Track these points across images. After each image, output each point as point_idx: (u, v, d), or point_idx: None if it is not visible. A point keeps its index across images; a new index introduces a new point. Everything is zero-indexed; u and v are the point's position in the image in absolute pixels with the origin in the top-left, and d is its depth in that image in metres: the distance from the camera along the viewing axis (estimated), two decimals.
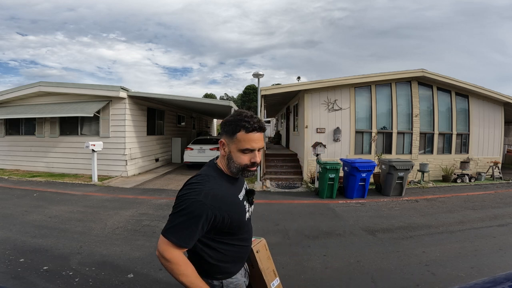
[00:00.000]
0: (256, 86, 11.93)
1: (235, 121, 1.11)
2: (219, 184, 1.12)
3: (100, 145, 7.64)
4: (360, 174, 6.07)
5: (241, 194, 1.24)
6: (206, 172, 1.17)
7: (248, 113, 1.13)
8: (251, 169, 1.15)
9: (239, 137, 1.09)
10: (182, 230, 1.03)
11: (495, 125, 9.40)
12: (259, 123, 1.11)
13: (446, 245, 3.64)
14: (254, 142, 1.10)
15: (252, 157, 1.13)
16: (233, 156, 1.13)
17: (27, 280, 2.67)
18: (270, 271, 1.55)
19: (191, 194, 1.05)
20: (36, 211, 4.89)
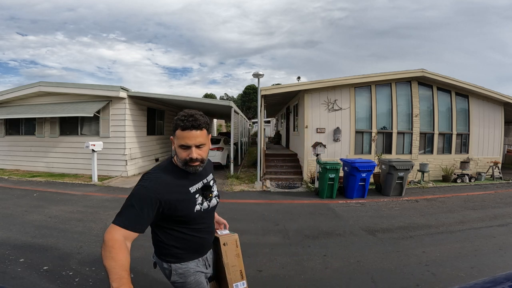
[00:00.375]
0: (256, 86, 11.93)
1: (175, 120, 1.25)
2: (167, 173, 1.26)
3: (100, 145, 7.64)
4: (360, 174, 6.07)
5: (195, 187, 1.33)
6: (160, 164, 1.35)
7: (189, 112, 1.25)
8: (192, 164, 1.25)
9: (177, 135, 1.23)
10: (126, 214, 1.13)
11: (495, 125, 9.40)
12: (194, 121, 1.21)
13: (446, 245, 3.64)
14: (188, 139, 1.21)
15: (189, 153, 1.23)
16: (176, 151, 1.27)
17: (27, 280, 2.67)
18: (235, 270, 1.50)
19: (139, 182, 1.22)
20: (36, 211, 4.89)
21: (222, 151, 9.97)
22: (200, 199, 1.34)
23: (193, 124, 1.21)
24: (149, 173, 1.27)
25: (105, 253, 1.05)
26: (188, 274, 1.34)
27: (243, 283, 1.51)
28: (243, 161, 12.78)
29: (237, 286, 1.50)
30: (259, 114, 8.54)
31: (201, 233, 1.37)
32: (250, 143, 23.11)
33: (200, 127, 1.23)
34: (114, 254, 1.05)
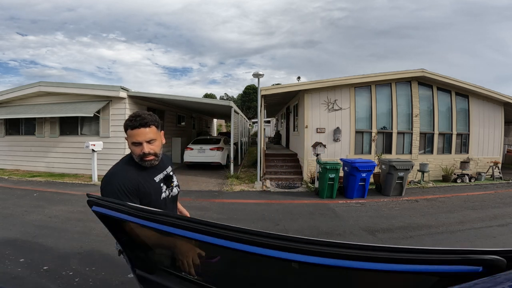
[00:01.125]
0: (256, 86, 11.93)
1: (125, 121, 1.37)
2: (127, 166, 1.39)
3: (100, 145, 7.64)
4: (360, 174, 6.07)
5: (158, 177, 1.47)
6: (119, 161, 1.46)
7: (136, 113, 1.37)
8: (146, 158, 1.37)
9: (128, 134, 1.36)
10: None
11: (495, 125, 9.40)
12: (141, 120, 1.34)
13: (446, 245, 3.64)
14: (138, 136, 1.34)
15: (141, 149, 1.35)
16: (130, 148, 1.39)
17: (27, 280, 2.66)
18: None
19: (102, 183, 1.35)
20: (36, 211, 4.89)
21: (222, 151, 9.98)
22: (164, 188, 1.50)
23: (141, 122, 1.34)
24: (113, 170, 1.39)
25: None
26: None
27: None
28: (243, 161, 12.78)
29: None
30: (259, 114, 8.54)
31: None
32: (250, 143, 23.11)
33: (147, 124, 1.36)
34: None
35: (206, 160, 9.84)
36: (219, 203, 5.69)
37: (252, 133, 28.30)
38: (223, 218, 4.61)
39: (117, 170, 1.38)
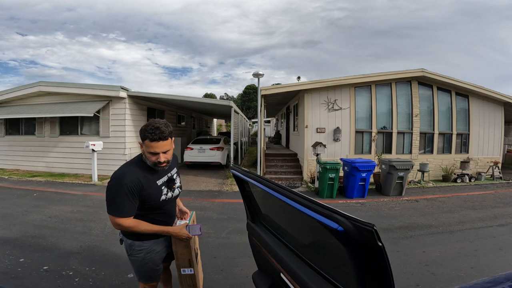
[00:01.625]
0: (256, 86, 11.93)
1: (143, 131, 1.48)
2: (135, 168, 1.52)
3: (100, 145, 7.64)
4: (360, 174, 6.07)
5: (161, 180, 1.62)
6: (129, 162, 1.60)
7: (155, 125, 1.47)
8: (158, 166, 1.54)
9: (146, 144, 1.48)
10: (119, 207, 1.44)
11: (495, 125, 9.40)
12: (160, 134, 1.46)
13: (446, 245, 3.64)
14: (156, 148, 1.48)
15: (157, 158, 1.50)
16: (145, 155, 1.53)
17: (27, 280, 2.67)
18: (184, 258, 1.72)
19: (113, 180, 1.47)
20: (36, 211, 4.89)
21: (222, 151, 9.98)
22: (165, 190, 1.63)
23: (160, 136, 1.46)
24: (119, 170, 1.52)
25: (137, 230, 1.51)
26: (145, 251, 1.61)
27: (190, 270, 1.76)
28: (243, 161, 12.78)
29: (184, 271, 1.76)
30: (259, 114, 8.54)
31: (163, 216, 1.66)
32: (250, 143, 23.10)
33: (166, 138, 1.49)
34: (143, 227, 1.51)
35: (206, 160, 9.84)
36: (219, 203, 5.69)
37: (252, 133, 28.30)
38: (223, 218, 4.61)
39: (127, 170, 1.50)
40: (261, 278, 1.51)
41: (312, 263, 1.08)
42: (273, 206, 1.39)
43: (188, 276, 1.78)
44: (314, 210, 0.75)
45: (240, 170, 1.47)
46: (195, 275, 1.79)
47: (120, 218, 1.44)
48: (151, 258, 1.64)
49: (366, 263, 0.66)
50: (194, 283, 1.82)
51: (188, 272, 1.75)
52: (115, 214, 1.44)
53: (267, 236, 1.47)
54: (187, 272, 1.75)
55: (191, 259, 1.73)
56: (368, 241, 0.62)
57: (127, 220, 1.46)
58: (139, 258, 1.61)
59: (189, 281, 1.80)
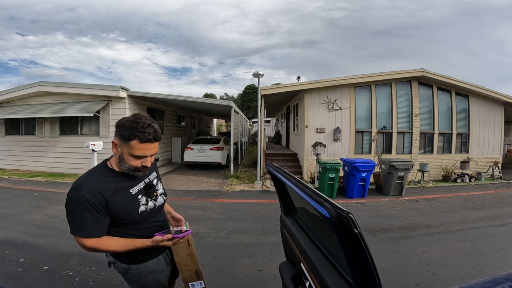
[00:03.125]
0: (256, 85, 11.93)
1: (131, 128, 1.14)
2: (97, 177, 1.20)
3: (100, 145, 7.63)
4: (360, 173, 6.07)
5: (136, 188, 1.28)
6: (91, 170, 1.27)
7: (146, 121, 1.16)
8: (141, 170, 1.24)
9: (133, 145, 1.15)
10: (80, 224, 1.14)
11: (495, 125, 9.40)
12: (154, 134, 1.17)
13: (446, 245, 3.64)
14: (146, 150, 1.18)
15: (144, 161, 1.20)
16: (124, 158, 1.19)
17: (27, 280, 2.67)
18: (189, 270, 1.46)
19: (70, 192, 1.16)
20: (36, 211, 4.89)
21: (222, 150, 9.98)
22: (144, 200, 1.31)
23: (155, 136, 1.18)
24: (78, 181, 1.18)
25: (104, 250, 1.20)
26: (146, 274, 1.34)
27: (200, 283, 1.46)
28: (243, 160, 12.78)
29: (194, 286, 1.46)
30: (259, 114, 8.54)
31: (151, 231, 1.30)
32: (250, 143, 23.11)
33: (159, 138, 1.22)
34: (110, 246, 1.19)
35: (206, 160, 9.84)
36: (219, 203, 5.69)
37: (252, 133, 28.31)
38: (223, 218, 4.61)
39: (86, 180, 1.18)
40: (286, 268, 1.58)
41: (326, 252, 1.16)
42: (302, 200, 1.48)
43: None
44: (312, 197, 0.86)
45: (271, 165, 1.47)
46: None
47: (83, 238, 1.14)
48: (154, 279, 1.37)
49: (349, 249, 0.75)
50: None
51: (198, 287, 1.46)
52: (76, 234, 1.15)
53: (295, 228, 1.50)
54: (196, 287, 1.46)
55: (199, 270, 1.48)
56: (346, 227, 0.70)
57: (90, 240, 1.16)
58: (140, 281, 1.35)
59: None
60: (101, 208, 1.15)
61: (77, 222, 1.14)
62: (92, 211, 1.13)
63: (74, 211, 1.14)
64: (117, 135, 1.19)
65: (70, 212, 1.15)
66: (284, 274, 1.53)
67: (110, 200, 1.17)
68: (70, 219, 1.15)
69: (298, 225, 1.54)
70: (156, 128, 1.20)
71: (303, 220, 1.50)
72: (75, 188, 1.16)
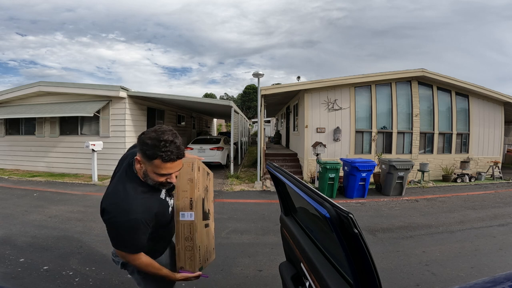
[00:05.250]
0: (256, 85, 11.93)
1: (153, 147, 1.08)
2: (138, 192, 1.17)
3: (100, 145, 7.64)
4: (360, 173, 6.07)
5: (163, 192, 1.31)
6: (125, 184, 1.19)
7: (168, 138, 1.09)
8: (167, 186, 1.23)
9: (156, 164, 1.10)
10: (135, 243, 1.15)
11: (495, 124, 9.40)
12: (178, 152, 1.11)
13: (446, 245, 3.64)
14: (170, 169, 1.13)
15: (168, 178, 1.17)
16: (149, 175, 1.16)
17: (27, 280, 2.67)
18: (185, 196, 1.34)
19: (119, 217, 1.11)
20: (36, 211, 4.88)
21: (222, 150, 9.98)
22: (170, 201, 1.36)
23: (178, 155, 1.12)
24: (129, 201, 1.14)
25: (150, 270, 1.24)
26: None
27: (190, 214, 1.33)
28: (243, 160, 12.78)
29: (184, 215, 1.33)
30: (259, 114, 8.54)
31: (171, 226, 1.39)
32: (250, 143, 23.10)
33: (182, 155, 1.15)
34: (151, 267, 1.24)
35: (206, 159, 9.83)
36: (219, 202, 5.68)
37: (252, 133, 28.30)
38: (223, 218, 4.61)
39: (133, 201, 1.14)
40: (286, 268, 1.59)
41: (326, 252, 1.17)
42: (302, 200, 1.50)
43: (186, 224, 1.32)
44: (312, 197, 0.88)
45: (271, 165, 1.49)
46: (195, 226, 1.32)
47: (136, 254, 1.17)
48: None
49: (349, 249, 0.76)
50: (193, 246, 1.33)
51: (188, 217, 1.32)
52: (130, 251, 1.16)
53: (295, 228, 1.52)
54: (186, 218, 1.32)
55: (194, 201, 1.34)
56: (346, 227, 0.71)
57: (140, 256, 1.19)
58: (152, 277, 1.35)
59: (186, 233, 1.33)
60: (151, 224, 1.19)
61: (134, 242, 1.14)
62: (146, 231, 1.17)
63: (131, 234, 1.12)
64: (140, 152, 1.13)
65: (126, 235, 1.12)
66: (284, 274, 1.55)
67: (156, 213, 1.21)
68: (124, 241, 1.14)
69: (298, 225, 1.55)
70: (179, 145, 1.13)
71: (303, 220, 1.51)
72: (126, 210, 1.11)
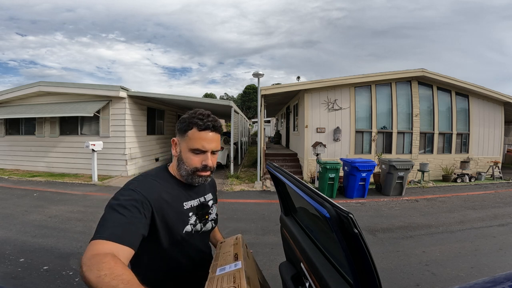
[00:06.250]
0: (256, 85, 11.93)
1: (188, 118, 1.03)
2: (159, 180, 1.02)
3: (100, 145, 7.64)
4: (360, 173, 6.07)
5: (190, 203, 1.08)
6: (150, 170, 1.09)
7: (204, 111, 1.06)
8: (202, 173, 1.05)
9: (190, 135, 1.02)
10: (108, 224, 0.79)
11: (495, 124, 9.40)
12: (214, 122, 1.04)
13: (446, 245, 3.64)
14: (206, 141, 1.02)
15: (204, 159, 1.03)
16: (183, 157, 1.04)
17: (27, 280, 2.67)
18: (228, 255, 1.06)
19: (125, 186, 0.95)
20: (36, 211, 4.88)
21: (222, 150, 9.97)
22: (193, 219, 1.08)
23: (214, 124, 1.04)
24: (136, 178, 1.00)
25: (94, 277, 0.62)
26: None
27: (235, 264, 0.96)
28: (243, 160, 12.78)
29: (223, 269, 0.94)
30: (259, 114, 8.54)
31: (189, 256, 1.07)
32: (250, 143, 23.11)
33: (219, 129, 1.07)
34: (108, 270, 0.63)
35: None
36: (219, 202, 5.67)
37: (252, 133, 28.30)
38: (223, 218, 4.61)
39: (149, 179, 1.00)
40: (286, 268, 1.60)
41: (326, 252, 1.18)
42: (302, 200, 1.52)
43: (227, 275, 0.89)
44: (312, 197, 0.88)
45: (271, 165, 1.49)
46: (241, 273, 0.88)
47: (101, 241, 0.73)
48: None
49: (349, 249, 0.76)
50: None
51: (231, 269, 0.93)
52: (97, 234, 0.75)
53: (295, 228, 1.53)
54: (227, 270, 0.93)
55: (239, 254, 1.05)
56: (346, 227, 0.71)
57: (102, 245, 0.72)
58: None
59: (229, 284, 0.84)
60: (144, 208, 0.87)
61: (109, 219, 0.81)
62: (138, 214, 0.85)
63: (111, 207, 0.84)
64: (177, 131, 1.08)
65: (104, 214, 0.84)
66: (284, 274, 1.55)
67: (159, 206, 0.94)
68: (101, 220, 0.82)
69: (298, 225, 1.55)
70: (216, 119, 1.07)
71: (303, 220, 1.51)
72: (131, 183, 0.96)
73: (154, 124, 10.34)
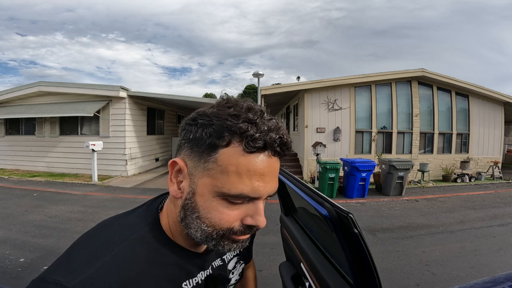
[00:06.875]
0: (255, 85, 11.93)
1: (220, 118, 0.44)
2: (140, 255, 0.50)
3: (100, 145, 7.64)
4: (360, 173, 6.07)
5: (193, 281, 0.55)
6: (118, 225, 0.57)
7: (257, 106, 0.47)
8: (239, 237, 0.50)
9: (225, 161, 0.44)
10: None
11: (495, 124, 9.40)
12: (282, 139, 0.46)
13: (446, 245, 3.64)
14: (262, 178, 0.45)
15: (251, 214, 0.48)
16: (200, 206, 0.46)
17: (27, 280, 2.66)
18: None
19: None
20: (36, 211, 4.88)
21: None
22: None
23: (283, 141, 0.46)
24: (89, 242, 0.54)
25: None
26: None
27: None
28: None
29: None
30: None
31: None
32: None
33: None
34: None
35: None
36: None
37: None
38: None
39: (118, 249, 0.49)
40: (286, 268, 1.61)
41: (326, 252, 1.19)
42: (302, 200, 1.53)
43: None
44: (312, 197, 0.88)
45: None
46: None
47: None
48: None
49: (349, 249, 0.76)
50: None
51: None
52: None
53: (295, 228, 1.53)
54: None
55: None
56: (346, 227, 0.70)
57: None
58: None
59: None
60: None
61: None
62: None
63: None
64: (184, 144, 0.49)
65: None
66: (284, 274, 1.56)
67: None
68: None
69: (298, 225, 1.55)
70: (281, 126, 0.48)
71: (303, 220, 1.52)
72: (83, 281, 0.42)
73: (154, 124, 10.34)
